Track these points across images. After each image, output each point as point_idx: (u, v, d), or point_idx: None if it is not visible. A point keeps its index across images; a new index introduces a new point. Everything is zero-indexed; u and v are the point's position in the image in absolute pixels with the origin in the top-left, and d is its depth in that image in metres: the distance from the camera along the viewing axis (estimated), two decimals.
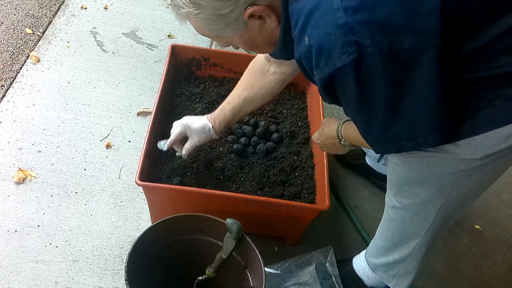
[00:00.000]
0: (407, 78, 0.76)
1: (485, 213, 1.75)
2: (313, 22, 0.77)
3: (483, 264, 1.62)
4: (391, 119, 0.82)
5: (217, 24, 0.90)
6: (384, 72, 0.75)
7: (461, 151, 0.89)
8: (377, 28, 0.72)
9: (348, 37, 0.73)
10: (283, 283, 1.39)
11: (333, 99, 0.86)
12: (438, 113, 0.81)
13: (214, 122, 1.35)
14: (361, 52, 0.73)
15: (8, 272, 1.36)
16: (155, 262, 1.22)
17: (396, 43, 0.73)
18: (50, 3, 2.21)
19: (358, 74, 0.75)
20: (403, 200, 1.07)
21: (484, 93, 0.84)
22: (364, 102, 0.81)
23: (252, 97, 1.32)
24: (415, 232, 1.12)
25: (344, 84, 0.79)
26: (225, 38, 0.96)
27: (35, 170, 1.59)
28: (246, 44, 0.98)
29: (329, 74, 0.77)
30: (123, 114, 1.81)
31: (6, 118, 1.72)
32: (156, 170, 1.47)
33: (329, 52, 0.75)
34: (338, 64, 0.75)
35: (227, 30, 0.92)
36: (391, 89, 0.78)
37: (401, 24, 0.73)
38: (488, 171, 0.95)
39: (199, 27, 0.95)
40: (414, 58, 0.74)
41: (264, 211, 1.37)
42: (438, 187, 0.99)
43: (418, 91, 0.78)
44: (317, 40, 0.76)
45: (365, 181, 1.76)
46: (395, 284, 1.26)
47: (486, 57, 0.81)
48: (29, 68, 1.90)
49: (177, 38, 2.16)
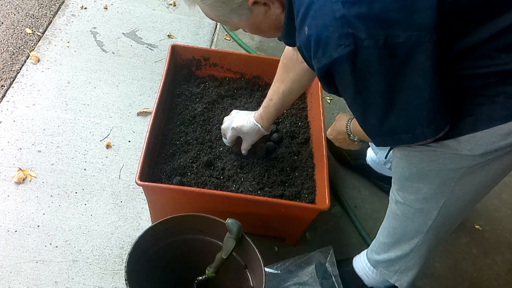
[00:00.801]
0: (402, 72, 0.77)
1: (485, 213, 1.75)
2: (313, 12, 0.79)
3: (483, 264, 1.62)
4: (387, 111, 0.83)
5: (222, 10, 0.94)
6: (379, 64, 0.76)
7: (462, 146, 0.90)
8: (373, 21, 0.74)
9: (344, 30, 0.74)
10: (283, 283, 1.39)
11: (332, 89, 0.87)
12: (433, 107, 0.82)
13: (262, 120, 1.42)
14: (357, 44, 0.74)
15: (8, 272, 1.36)
16: (155, 262, 1.22)
17: (391, 37, 0.74)
18: (50, 3, 2.21)
19: (354, 66, 0.77)
20: (406, 195, 1.08)
21: (485, 89, 0.84)
22: (360, 93, 0.82)
23: (289, 89, 1.35)
24: (417, 229, 1.12)
25: (341, 75, 0.80)
26: (232, 23, 1.00)
27: (35, 170, 1.59)
28: (252, 28, 1.01)
29: (326, 64, 0.79)
30: (123, 114, 1.81)
31: (6, 118, 1.72)
32: (156, 170, 1.47)
33: (326, 43, 0.77)
34: (335, 56, 0.77)
35: (233, 16, 0.96)
36: (386, 81, 0.79)
37: (396, 18, 0.74)
38: (492, 170, 0.95)
39: (207, 12, 0.99)
40: (410, 53, 0.75)
41: (264, 211, 1.37)
42: (440, 183, 0.99)
43: (414, 84, 0.78)
44: (315, 31, 0.78)
45: (365, 181, 1.76)
46: (396, 280, 1.26)
47: (485, 54, 0.81)
48: (29, 68, 1.90)
49: (177, 38, 2.16)
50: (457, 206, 1.05)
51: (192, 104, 1.68)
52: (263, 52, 2.19)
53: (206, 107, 1.67)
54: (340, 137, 1.30)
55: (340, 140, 1.31)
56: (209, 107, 1.68)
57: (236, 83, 1.79)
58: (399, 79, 0.78)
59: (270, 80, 1.80)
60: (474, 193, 1.03)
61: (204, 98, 1.71)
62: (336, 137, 1.32)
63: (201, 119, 1.64)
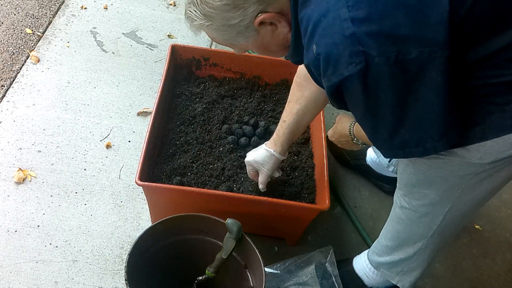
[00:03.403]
0: (413, 87, 0.77)
1: (485, 213, 1.75)
2: (321, 30, 0.78)
3: (483, 264, 1.62)
4: (398, 126, 0.82)
5: (229, 33, 0.94)
6: (391, 81, 0.76)
7: (471, 155, 0.89)
8: (384, 38, 0.73)
9: (355, 48, 0.74)
10: (283, 283, 1.39)
11: (342, 105, 0.86)
12: (445, 121, 0.81)
13: (276, 146, 1.32)
14: (368, 62, 0.74)
15: (8, 272, 1.36)
16: (155, 262, 1.22)
17: (402, 53, 0.73)
18: (50, 3, 2.21)
19: (365, 83, 0.76)
20: (412, 201, 1.07)
21: (495, 98, 0.84)
22: (371, 109, 0.82)
23: (304, 109, 1.26)
24: (421, 233, 1.11)
25: (351, 92, 0.80)
26: (239, 46, 0.99)
27: (35, 170, 1.59)
28: (260, 49, 1.00)
29: (336, 82, 0.78)
30: (123, 114, 1.81)
31: (6, 118, 1.72)
32: (156, 170, 1.47)
33: (336, 61, 0.76)
34: (345, 74, 0.76)
35: (240, 38, 0.95)
36: (397, 97, 0.78)
37: (407, 34, 0.73)
38: (499, 177, 0.95)
39: (213, 37, 0.99)
40: (421, 68, 0.75)
41: (264, 211, 1.37)
42: (447, 189, 0.99)
43: (425, 99, 0.78)
44: (325, 49, 0.77)
45: (365, 181, 1.75)
46: (398, 281, 1.26)
47: (496, 65, 0.81)
48: (29, 68, 1.90)
49: (177, 38, 2.16)
50: (463, 211, 1.04)
51: (192, 104, 1.68)
52: None
53: (206, 107, 1.67)
54: (343, 140, 1.28)
55: (343, 142, 1.30)
56: (209, 107, 1.68)
57: (236, 83, 1.79)
58: (410, 95, 0.78)
59: (270, 80, 1.81)
60: (481, 199, 1.02)
61: (204, 98, 1.71)
62: (338, 139, 1.31)
63: (201, 119, 1.64)
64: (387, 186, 1.69)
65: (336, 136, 1.31)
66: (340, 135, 1.28)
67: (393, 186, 1.17)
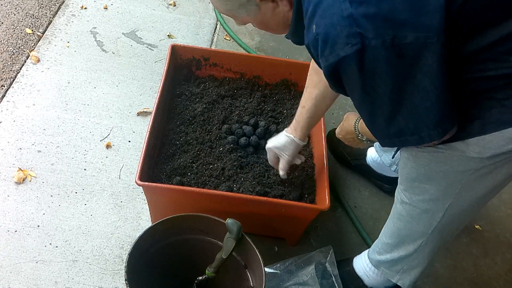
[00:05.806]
0: (409, 73, 0.77)
1: (485, 213, 1.75)
2: (321, 11, 0.79)
3: (483, 264, 1.62)
4: (394, 112, 0.83)
5: (231, 4, 0.97)
6: (386, 65, 0.76)
7: (470, 149, 0.90)
8: (381, 21, 0.74)
9: (352, 29, 0.75)
10: (283, 283, 1.39)
11: (340, 89, 0.87)
12: (440, 109, 0.81)
13: (296, 131, 1.35)
14: (364, 43, 0.74)
15: (8, 272, 1.36)
16: (155, 262, 1.22)
17: (398, 37, 0.74)
18: (50, 3, 2.21)
19: (361, 65, 0.77)
20: (412, 196, 1.08)
21: (495, 93, 0.84)
22: (367, 93, 0.82)
23: (323, 93, 1.27)
24: (422, 230, 1.12)
25: (348, 74, 0.81)
26: (241, 18, 1.02)
27: (35, 170, 1.59)
28: (260, 25, 1.03)
29: (333, 63, 0.79)
30: (123, 114, 1.81)
31: (6, 118, 1.72)
32: (156, 170, 1.47)
33: (334, 42, 0.77)
34: (342, 54, 0.77)
35: (242, 11, 0.98)
36: (393, 82, 0.79)
37: (404, 19, 0.74)
38: (499, 174, 0.95)
39: (216, 6, 1.02)
40: (417, 54, 0.75)
41: (264, 211, 1.38)
42: (447, 185, 0.99)
43: (421, 86, 0.78)
44: (323, 29, 0.78)
45: (365, 181, 1.76)
46: (398, 279, 1.26)
47: (494, 57, 0.81)
48: (29, 68, 1.90)
49: (177, 38, 2.16)
50: (463, 208, 1.04)
51: (192, 104, 1.68)
52: (263, 52, 2.19)
53: (206, 107, 1.67)
54: (349, 137, 1.29)
55: (349, 140, 1.31)
56: (209, 107, 1.68)
57: (236, 83, 1.79)
58: (406, 81, 0.78)
59: (270, 80, 1.81)
60: (481, 196, 1.02)
61: (204, 98, 1.71)
62: (345, 136, 1.32)
63: (201, 119, 1.64)
64: (387, 186, 1.69)
65: (342, 133, 1.32)
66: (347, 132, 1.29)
67: (393, 186, 1.17)
